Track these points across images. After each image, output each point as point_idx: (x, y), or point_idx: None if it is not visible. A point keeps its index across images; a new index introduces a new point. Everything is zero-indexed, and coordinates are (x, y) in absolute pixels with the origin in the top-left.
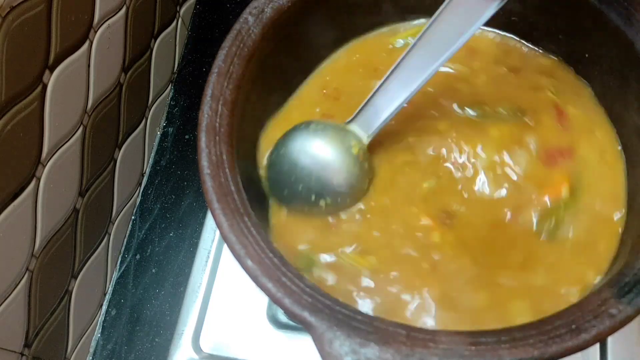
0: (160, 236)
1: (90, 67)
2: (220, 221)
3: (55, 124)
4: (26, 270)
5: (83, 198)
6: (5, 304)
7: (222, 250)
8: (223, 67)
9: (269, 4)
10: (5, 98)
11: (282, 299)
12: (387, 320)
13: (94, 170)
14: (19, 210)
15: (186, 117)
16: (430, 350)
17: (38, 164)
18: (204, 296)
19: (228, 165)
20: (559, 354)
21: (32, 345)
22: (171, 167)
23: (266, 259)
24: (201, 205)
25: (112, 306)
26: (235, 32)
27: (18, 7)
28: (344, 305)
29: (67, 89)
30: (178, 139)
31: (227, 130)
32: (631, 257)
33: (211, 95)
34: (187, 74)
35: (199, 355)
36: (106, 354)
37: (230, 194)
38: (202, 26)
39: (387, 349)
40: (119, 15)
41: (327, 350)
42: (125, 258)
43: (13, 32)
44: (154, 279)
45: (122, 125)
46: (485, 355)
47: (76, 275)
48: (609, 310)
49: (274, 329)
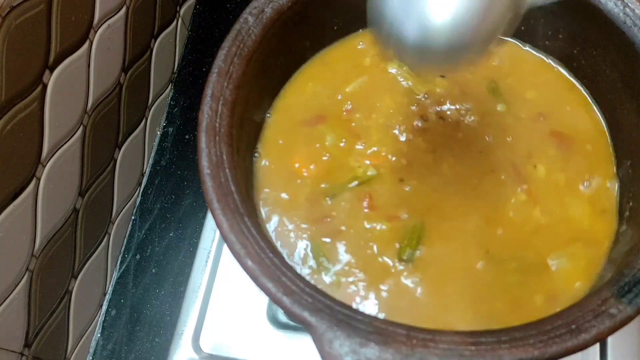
0: (160, 236)
1: (90, 67)
2: (220, 221)
3: (55, 124)
4: (26, 270)
5: (83, 198)
6: (5, 304)
7: (222, 250)
8: (223, 67)
9: (269, 4)
10: (5, 98)
11: (282, 299)
12: (387, 320)
13: (94, 170)
14: (19, 210)
15: (186, 117)
16: (430, 350)
17: (38, 164)
18: (204, 296)
19: (228, 165)
20: (559, 354)
21: (32, 345)
22: (171, 167)
23: (266, 259)
24: (201, 205)
25: (112, 306)
26: (235, 32)
27: (18, 7)
28: (344, 305)
29: (67, 89)
30: (178, 139)
31: (227, 130)
32: (631, 257)
33: (211, 95)
34: (187, 74)
35: (199, 355)
36: (106, 354)
37: (230, 194)
38: (202, 26)
39: (387, 349)
40: (119, 15)
41: (327, 350)
42: (125, 258)
43: (13, 32)
44: (154, 279)
45: (122, 125)
46: (485, 355)
47: (76, 275)
48: (609, 310)
49: (274, 329)
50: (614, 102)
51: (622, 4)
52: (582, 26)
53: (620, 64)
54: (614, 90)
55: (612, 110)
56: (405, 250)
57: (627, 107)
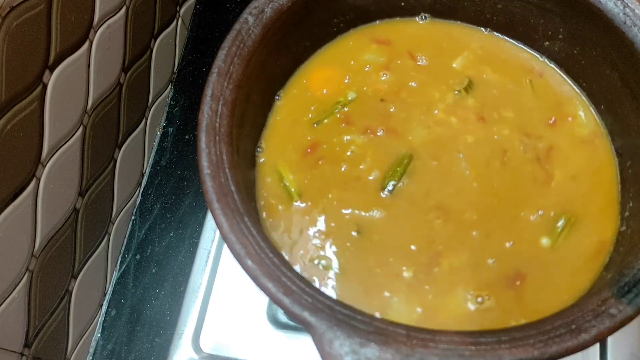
0: (160, 236)
1: (90, 67)
2: (220, 221)
3: (55, 124)
4: (26, 270)
5: (83, 198)
6: (5, 304)
7: (222, 250)
8: (223, 67)
9: (269, 4)
10: (5, 98)
11: (282, 299)
12: (387, 320)
13: (94, 170)
14: (19, 210)
15: (186, 117)
16: (430, 350)
17: (38, 164)
18: (204, 296)
19: (228, 165)
20: (559, 354)
21: (32, 345)
22: (171, 167)
23: (266, 259)
24: (201, 205)
25: (112, 306)
26: (235, 32)
27: (18, 7)
28: (344, 305)
29: (67, 89)
30: (178, 139)
31: (227, 130)
32: (631, 257)
33: (211, 95)
34: (187, 74)
35: (199, 355)
36: (106, 354)
37: (230, 194)
38: (202, 26)
39: (387, 349)
40: (119, 15)
41: (327, 350)
42: (125, 258)
43: (13, 32)
44: (154, 279)
45: (122, 125)
46: (485, 355)
47: (76, 275)
48: (609, 310)
49: (274, 329)
50: (614, 102)
51: (622, 4)
52: (582, 26)
53: (620, 64)
54: (614, 90)
55: (612, 111)
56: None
57: (627, 108)
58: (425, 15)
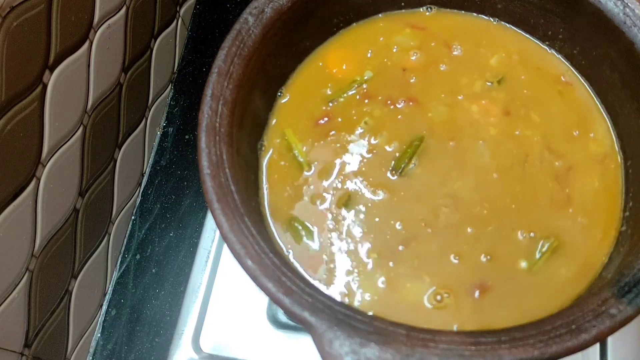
0: (160, 236)
1: (90, 67)
2: (220, 221)
3: (55, 124)
4: (26, 270)
5: (83, 198)
6: (5, 304)
7: (222, 250)
8: (223, 67)
9: (269, 4)
10: (5, 98)
11: (282, 299)
12: (387, 320)
13: (94, 170)
14: (19, 210)
15: (186, 117)
16: (430, 350)
17: (38, 164)
18: (204, 296)
19: (228, 165)
20: (559, 354)
21: (32, 345)
22: (171, 167)
23: (266, 259)
24: (201, 205)
25: (112, 306)
26: (235, 32)
27: (18, 7)
28: (344, 305)
29: (67, 89)
30: (178, 139)
31: (227, 130)
32: (631, 257)
33: (211, 95)
34: (187, 74)
35: (199, 355)
36: (106, 354)
37: (230, 194)
38: (202, 26)
39: (387, 349)
40: (119, 15)
41: (327, 350)
42: (125, 258)
43: (13, 32)
44: (154, 279)
45: (122, 125)
46: (485, 356)
47: (76, 275)
48: (609, 310)
49: (274, 329)
50: (614, 102)
51: (622, 4)
52: (582, 26)
53: (620, 64)
54: (614, 90)
55: (611, 111)
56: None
57: (627, 108)
58: (431, 7)
